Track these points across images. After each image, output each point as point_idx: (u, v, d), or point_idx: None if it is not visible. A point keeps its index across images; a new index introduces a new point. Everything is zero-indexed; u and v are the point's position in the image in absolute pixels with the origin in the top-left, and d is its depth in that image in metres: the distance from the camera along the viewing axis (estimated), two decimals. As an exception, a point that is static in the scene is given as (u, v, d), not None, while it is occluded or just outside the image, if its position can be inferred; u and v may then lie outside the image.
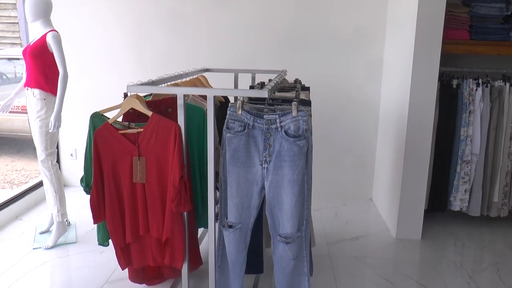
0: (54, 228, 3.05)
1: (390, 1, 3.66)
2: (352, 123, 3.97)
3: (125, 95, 2.19)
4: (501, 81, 3.29)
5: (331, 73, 3.86)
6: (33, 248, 2.98)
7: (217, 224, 1.99)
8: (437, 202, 3.45)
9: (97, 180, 1.99)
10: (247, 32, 3.84)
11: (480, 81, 3.27)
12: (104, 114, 2.12)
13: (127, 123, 2.01)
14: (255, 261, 2.37)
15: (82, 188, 2.23)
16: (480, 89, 3.25)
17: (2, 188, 4.77)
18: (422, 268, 2.82)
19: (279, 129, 1.83)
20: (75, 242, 3.08)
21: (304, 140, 1.82)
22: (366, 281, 2.65)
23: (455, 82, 3.31)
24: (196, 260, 2.38)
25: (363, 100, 3.91)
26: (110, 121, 1.96)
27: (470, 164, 3.34)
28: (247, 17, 3.83)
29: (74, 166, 4.21)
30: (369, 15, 3.76)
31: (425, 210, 3.27)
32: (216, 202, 1.95)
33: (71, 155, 4.21)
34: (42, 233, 3.19)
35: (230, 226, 1.95)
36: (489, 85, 3.27)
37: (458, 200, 3.39)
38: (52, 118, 2.84)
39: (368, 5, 3.75)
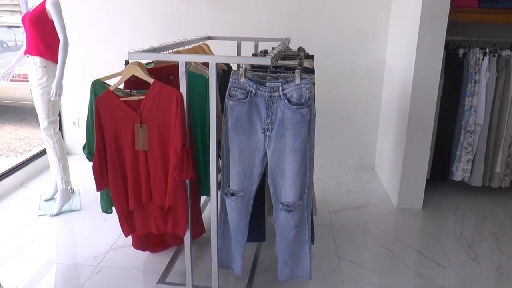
0: (58, 195, 3.08)
1: (397, -33, 3.57)
2: (356, 92, 3.93)
3: (126, 62, 2.17)
4: (509, 50, 3.24)
5: (334, 41, 3.80)
6: (38, 215, 3.02)
7: (219, 192, 2.00)
8: (439, 172, 3.45)
9: (99, 147, 1.99)
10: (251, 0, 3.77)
11: (487, 50, 3.21)
12: (105, 81, 2.10)
13: (129, 90, 2.00)
14: (257, 229, 2.39)
15: (84, 156, 2.24)
16: (486, 58, 3.20)
17: (7, 156, 4.80)
18: (422, 238, 2.85)
19: (282, 97, 1.81)
20: (79, 210, 3.11)
21: (307, 108, 1.80)
22: (366, 249, 2.68)
23: (461, 51, 3.26)
24: (198, 228, 2.40)
25: (367, 68, 3.86)
26: (111, 89, 1.95)
27: (473, 134, 3.32)
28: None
29: (77, 134, 4.22)
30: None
31: (427, 180, 3.28)
32: (218, 170, 1.95)
33: (74, 123, 4.21)
34: (46, 200, 3.23)
35: (232, 194, 1.96)
36: (496, 54, 3.21)
37: (460, 170, 3.40)
38: (53, 86, 2.82)
39: (374, -29, 3.66)
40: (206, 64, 2.39)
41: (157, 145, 1.92)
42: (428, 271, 2.46)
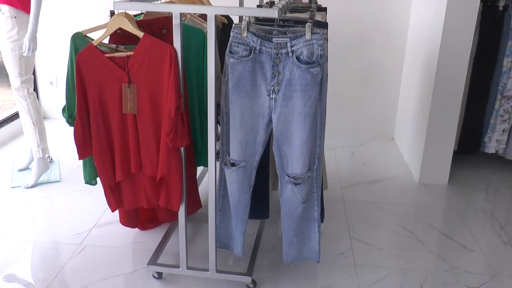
0: (34, 165, 3.13)
1: None
2: (374, 49, 3.93)
3: (112, 13, 2.17)
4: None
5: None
6: (11, 188, 3.07)
7: (218, 162, 2.03)
8: (469, 143, 3.48)
9: (81, 110, 2.01)
10: None
11: (533, 2, 3.19)
12: (88, 34, 2.11)
13: (115, 45, 2.01)
14: (260, 205, 2.44)
15: (64, 120, 2.27)
16: (531, 12, 3.18)
17: (-27, 121, 4.84)
18: (447, 217, 2.90)
19: (290, 54, 1.83)
20: (59, 181, 3.17)
21: (318, 67, 1.82)
22: (382, 229, 2.74)
23: (501, 3, 3.23)
24: (194, 202, 2.45)
25: (389, 23, 3.85)
26: (94, 43, 1.96)
27: (511, 100, 3.33)
28: None
29: (55, 96, 4.24)
30: None
31: (454, 151, 3.31)
32: (217, 138, 1.98)
33: (51, 83, 4.23)
34: (20, 170, 3.28)
35: (233, 164, 2.00)
36: (543, 7, 3.19)
37: (494, 141, 3.42)
38: (26, 40, 2.83)
39: None
40: (203, 17, 2.40)
41: (148, 108, 1.95)
42: (453, 254, 2.52)
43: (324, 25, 2.20)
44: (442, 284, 2.27)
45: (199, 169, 2.96)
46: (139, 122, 2.00)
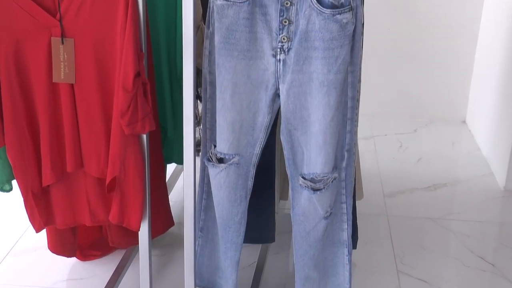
0: None
1: None
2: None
3: None
4: None
5: None
6: None
7: (198, 158, 2.04)
8: None
9: (-14, 77, 2.01)
10: None
11: None
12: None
13: (41, -22, 2.02)
14: (262, 222, 2.47)
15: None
16: None
17: None
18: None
19: (307, -7, 1.84)
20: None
21: (349, 13, 1.82)
22: (448, 258, 2.76)
23: None
24: (163, 218, 2.47)
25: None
26: (8, -26, 1.97)
27: None
28: None
29: None
30: None
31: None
32: (197, 120, 2.00)
33: None
34: None
35: (221, 160, 2.01)
36: None
37: None
38: None
39: None
40: None
41: (92, 75, 1.95)
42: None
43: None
44: None
45: (170, 167, 2.98)
46: (78, 96, 1.99)
